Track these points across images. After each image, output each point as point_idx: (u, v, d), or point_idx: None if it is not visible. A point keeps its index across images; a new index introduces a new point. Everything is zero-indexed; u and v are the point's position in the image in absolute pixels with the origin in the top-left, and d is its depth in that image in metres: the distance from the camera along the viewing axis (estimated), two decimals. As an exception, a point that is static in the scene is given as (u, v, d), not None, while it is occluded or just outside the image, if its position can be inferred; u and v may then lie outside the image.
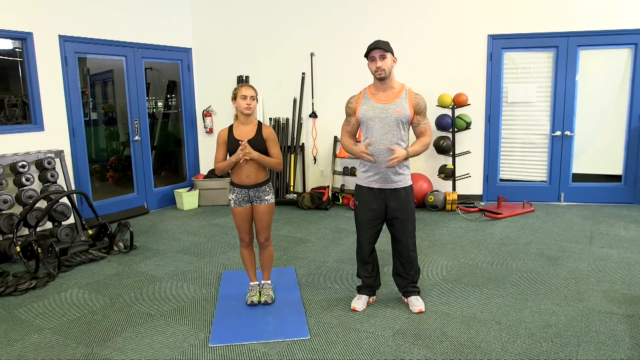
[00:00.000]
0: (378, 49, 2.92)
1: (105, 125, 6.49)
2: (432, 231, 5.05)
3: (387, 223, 3.19)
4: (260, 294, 3.36)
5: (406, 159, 3.00)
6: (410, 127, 3.11)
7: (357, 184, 3.19)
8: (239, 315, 3.18)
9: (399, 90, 3.04)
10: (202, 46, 6.79)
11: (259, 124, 3.15)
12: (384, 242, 4.08)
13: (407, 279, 3.26)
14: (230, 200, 3.18)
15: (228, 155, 3.15)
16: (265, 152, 3.10)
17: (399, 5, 6.15)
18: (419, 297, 3.27)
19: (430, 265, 4.05)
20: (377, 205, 3.09)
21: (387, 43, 2.96)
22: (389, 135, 2.99)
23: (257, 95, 3.13)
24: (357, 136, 3.29)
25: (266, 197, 3.15)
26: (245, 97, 3.05)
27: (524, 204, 5.83)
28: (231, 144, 3.08)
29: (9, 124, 4.86)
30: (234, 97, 3.10)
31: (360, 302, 3.26)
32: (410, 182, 3.12)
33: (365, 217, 3.14)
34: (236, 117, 3.16)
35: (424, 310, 3.18)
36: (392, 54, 2.97)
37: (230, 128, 3.13)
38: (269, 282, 3.40)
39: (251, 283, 3.40)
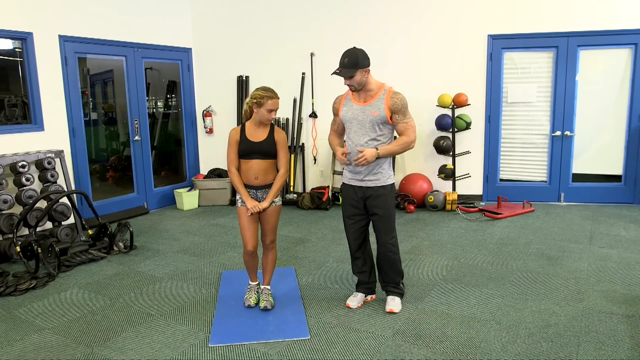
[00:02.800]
0: (342, 75, 2.96)
1: (105, 125, 6.49)
2: (432, 231, 5.05)
3: (370, 220, 3.25)
4: (259, 299, 3.33)
5: (379, 157, 3.00)
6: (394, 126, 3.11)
7: (342, 182, 3.28)
8: (239, 315, 3.18)
9: (377, 92, 3.06)
10: (202, 46, 6.79)
11: (272, 126, 3.13)
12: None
13: (384, 278, 3.30)
14: (237, 200, 3.16)
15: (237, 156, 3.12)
16: (274, 154, 3.10)
17: (399, 6, 6.14)
18: (395, 297, 3.28)
19: (430, 265, 4.05)
20: (357, 200, 3.15)
21: (354, 61, 2.92)
22: (365, 136, 3.04)
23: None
24: (344, 135, 3.31)
25: (274, 199, 3.15)
26: (271, 111, 3.00)
27: (524, 204, 5.83)
28: (243, 144, 3.06)
29: (9, 124, 4.86)
30: (258, 105, 2.98)
31: (354, 300, 3.29)
32: (390, 182, 3.13)
33: (347, 212, 3.24)
34: (249, 114, 3.13)
35: (395, 311, 3.17)
36: (362, 67, 2.94)
37: (243, 127, 3.10)
38: (269, 287, 3.35)
39: (251, 283, 3.39)
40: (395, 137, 3.13)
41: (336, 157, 3.12)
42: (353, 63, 2.94)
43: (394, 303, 3.22)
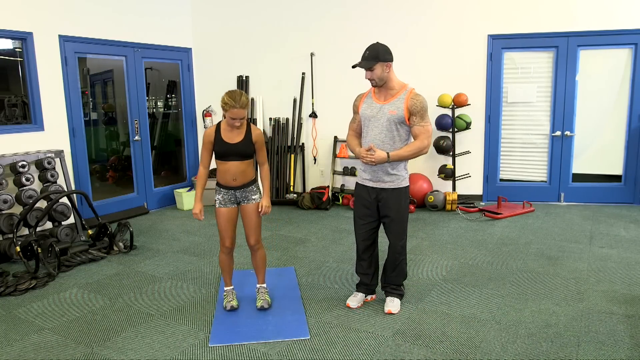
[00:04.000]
0: (363, 67, 2.95)
1: (105, 125, 6.49)
2: (432, 231, 5.05)
3: (381, 222, 3.22)
4: (256, 298, 3.32)
5: (388, 162, 2.98)
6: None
7: (356, 182, 3.26)
8: (239, 315, 3.18)
9: (398, 91, 3.04)
10: (202, 46, 6.79)
11: (248, 125, 3.07)
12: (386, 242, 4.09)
13: (386, 279, 3.30)
14: (215, 200, 3.14)
15: (214, 156, 3.09)
16: (251, 154, 3.07)
17: (400, 6, 6.15)
18: (394, 299, 3.26)
19: (430, 265, 4.05)
20: (370, 201, 3.13)
21: (375, 53, 2.93)
22: (381, 135, 3.03)
23: (248, 107, 2.99)
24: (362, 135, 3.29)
25: (253, 197, 3.12)
26: (234, 120, 2.93)
27: (524, 204, 5.83)
28: (218, 144, 3.01)
29: (9, 124, 4.86)
30: (224, 110, 2.93)
31: (354, 300, 3.28)
32: (405, 184, 3.12)
33: (359, 213, 3.21)
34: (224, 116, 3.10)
35: (393, 312, 3.16)
36: (383, 61, 2.94)
37: (218, 127, 3.04)
38: (264, 285, 3.35)
39: (226, 288, 3.33)
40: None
41: (359, 156, 3.03)
42: (374, 56, 2.93)
43: (392, 304, 3.22)
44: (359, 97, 3.20)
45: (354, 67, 3.04)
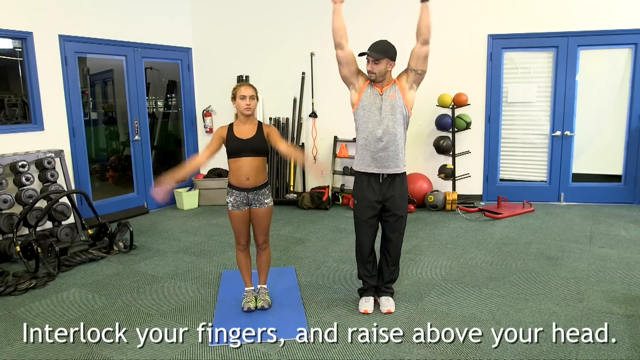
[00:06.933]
0: (371, 56, 2.97)
1: (105, 125, 6.50)
2: (432, 231, 5.05)
3: (382, 220, 3.19)
4: (256, 299, 3.31)
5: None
6: (409, 113, 3.12)
7: (355, 171, 3.17)
8: (239, 315, 3.18)
9: (389, 82, 3.12)
10: (202, 46, 6.78)
11: (259, 123, 3.12)
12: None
13: (385, 277, 3.27)
14: (227, 203, 3.12)
15: (226, 157, 3.12)
16: (265, 150, 3.08)
17: (400, 6, 6.14)
18: (389, 297, 3.26)
19: (430, 265, 4.05)
20: (377, 201, 3.09)
21: (385, 48, 2.98)
22: (386, 119, 3.02)
23: (257, 94, 3.10)
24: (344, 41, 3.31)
25: (266, 201, 3.12)
26: (244, 97, 3.01)
27: (524, 204, 5.83)
28: (230, 142, 3.04)
29: (9, 123, 4.86)
30: (234, 97, 3.07)
31: (369, 305, 3.23)
32: (405, 169, 3.13)
33: (364, 215, 3.14)
34: (236, 115, 3.15)
35: (392, 311, 3.16)
36: (390, 59, 2.98)
37: (231, 126, 3.09)
38: (266, 286, 3.34)
39: (247, 288, 3.32)
40: (407, 125, 3.16)
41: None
42: (384, 50, 3.00)
43: (389, 303, 3.21)
44: (365, 77, 3.15)
45: (360, 55, 3.02)
